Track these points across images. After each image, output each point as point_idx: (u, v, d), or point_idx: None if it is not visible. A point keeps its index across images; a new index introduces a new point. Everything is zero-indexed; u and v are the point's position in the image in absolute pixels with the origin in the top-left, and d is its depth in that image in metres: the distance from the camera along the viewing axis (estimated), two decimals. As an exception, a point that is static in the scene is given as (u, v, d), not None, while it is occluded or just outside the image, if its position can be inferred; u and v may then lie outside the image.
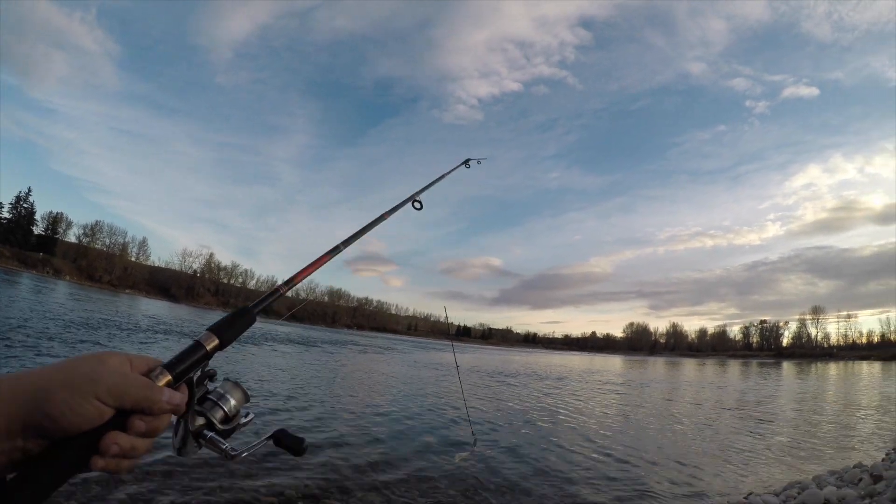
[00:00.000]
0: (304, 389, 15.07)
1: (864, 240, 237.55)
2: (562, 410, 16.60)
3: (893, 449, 11.09)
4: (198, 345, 0.88)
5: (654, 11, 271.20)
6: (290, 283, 1.17)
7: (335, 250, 1.40)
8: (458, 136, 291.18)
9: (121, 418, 0.76)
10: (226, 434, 0.91)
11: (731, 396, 27.03)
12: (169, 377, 0.82)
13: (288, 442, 0.97)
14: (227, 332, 0.92)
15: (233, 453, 0.89)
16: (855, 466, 8.61)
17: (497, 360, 56.58)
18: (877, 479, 7.26)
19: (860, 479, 7.49)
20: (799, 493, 7.39)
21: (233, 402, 0.92)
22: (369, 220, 1.61)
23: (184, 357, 0.85)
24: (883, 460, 9.01)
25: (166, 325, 34.21)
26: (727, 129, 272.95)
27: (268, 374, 18.03)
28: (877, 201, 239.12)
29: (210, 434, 0.89)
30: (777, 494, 7.66)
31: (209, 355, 0.88)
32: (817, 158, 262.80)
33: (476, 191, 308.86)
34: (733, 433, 13.82)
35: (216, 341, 0.89)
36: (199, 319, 53.39)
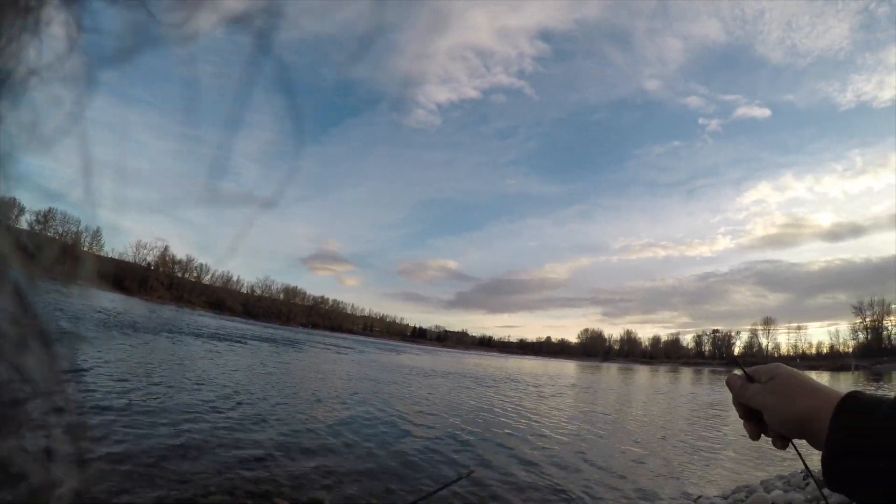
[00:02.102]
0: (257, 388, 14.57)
1: (812, 255, 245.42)
2: (513, 413, 16.45)
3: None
4: None
5: (613, 29, 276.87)
6: None
7: None
8: (418, 140, 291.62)
9: None
10: None
11: (683, 402, 27.40)
12: None
13: None
14: None
15: None
16: (802, 471, 8.61)
17: (461, 363, 56.52)
18: (823, 483, 7.24)
19: (807, 483, 7.45)
20: (746, 497, 7.33)
21: None
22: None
23: None
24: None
25: (117, 318, 32.93)
26: (682, 144, 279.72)
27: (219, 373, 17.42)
28: (824, 220, 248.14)
29: None
30: (725, 497, 7.59)
31: None
32: (769, 176, 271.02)
33: (434, 193, 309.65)
34: (683, 438, 13.86)
35: None
36: (149, 314, 51.70)
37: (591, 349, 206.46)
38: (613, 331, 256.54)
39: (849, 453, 0.73)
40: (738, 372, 1.00)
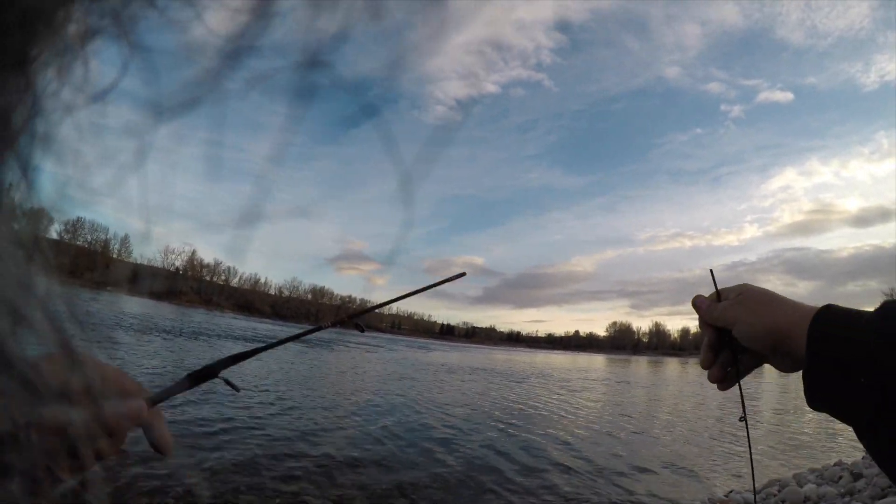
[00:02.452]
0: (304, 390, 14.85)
1: (841, 241, 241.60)
2: (550, 410, 16.55)
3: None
4: None
5: (630, 16, 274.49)
6: None
7: None
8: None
9: None
10: None
11: (715, 395, 27.12)
12: None
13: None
14: None
15: None
16: (835, 464, 8.62)
17: (491, 359, 56.51)
18: (857, 476, 7.26)
19: (840, 477, 7.48)
20: (779, 491, 7.37)
21: None
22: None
23: None
24: (863, 458, 9.03)
25: (150, 323, 33.58)
26: (704, 132, 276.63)
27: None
28: (852, 204, 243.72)
29: None
30: (757, 492, 7.64)
31: None
32: (794, 161, 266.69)
33: (457, 190, 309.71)
34: (715, 431, 13.84)
35: None
36: (182, 318, 52.58)
37: (620, 342, 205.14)
38: (642, 323, 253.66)
39: (829, 366, 0.67)
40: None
